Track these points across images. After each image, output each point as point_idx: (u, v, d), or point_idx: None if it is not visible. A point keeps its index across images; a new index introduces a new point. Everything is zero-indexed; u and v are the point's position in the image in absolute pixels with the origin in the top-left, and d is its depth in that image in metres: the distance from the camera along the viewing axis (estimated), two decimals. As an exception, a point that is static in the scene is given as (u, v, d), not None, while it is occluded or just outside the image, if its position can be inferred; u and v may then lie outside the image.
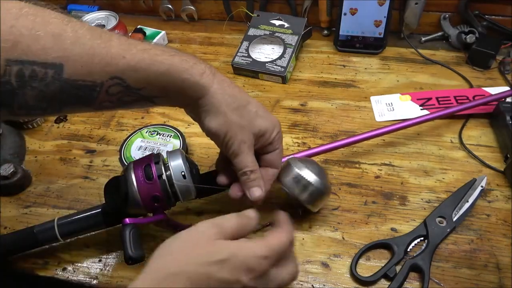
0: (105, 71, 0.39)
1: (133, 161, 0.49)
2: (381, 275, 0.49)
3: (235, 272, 0.34)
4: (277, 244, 0.37)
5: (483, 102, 0.64)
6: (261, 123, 0.47)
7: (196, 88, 0.43)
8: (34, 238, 0.50)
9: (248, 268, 0.35)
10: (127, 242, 0.45)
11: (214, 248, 0.35)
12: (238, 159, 0.46)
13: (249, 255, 0.35)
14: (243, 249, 0.36)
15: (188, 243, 0.36)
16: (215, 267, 0.34)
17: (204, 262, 0.34)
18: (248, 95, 0.48)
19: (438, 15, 0.83)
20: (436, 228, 0.52)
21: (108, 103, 0.42)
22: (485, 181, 0.56)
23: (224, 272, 0.34)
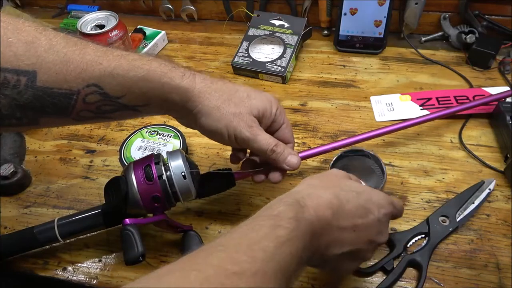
0: (80, 78, 0.38)
1: (133, 162, 0.48)
2: (379, 268, 0.49)
3: (369, 203, 0.40)
4: (400, 204, 0.44)
5: (483, 102, 0.64)
6: (257, 104, 0.46)
7: (179, 91, 0.43)
8: (34, 239, 0.50)
9: (380, 205, 0.40)
10: (134, 240, 0.45)
11: (351, 183, 0.41)
12: (256, 143, 0.45)
13: (381, 197, 0.41)
14: (375, 191, 0.42)
15: (324, 177, 0.42)
16: (353, 194, 0.39)
17: (346, 187, 0.40)
18: (234, 84, 0.47)
19: (438, 15, 0.83)
20: (438, 227, 0.52)
21: (87, 112, 0.40)
22: (493, 184, 0.56)
23: (361, 200, 0.39)
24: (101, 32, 0.65)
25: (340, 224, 0.37)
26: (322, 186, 0.39)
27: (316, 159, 0.63)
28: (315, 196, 0.37)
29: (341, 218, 0.38)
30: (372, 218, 0.39)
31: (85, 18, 0.68)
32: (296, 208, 0.35)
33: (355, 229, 0.38)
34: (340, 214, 0.37)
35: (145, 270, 0.51)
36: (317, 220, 0.36)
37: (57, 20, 1.00)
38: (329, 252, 0.38)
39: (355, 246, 0.39)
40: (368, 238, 0.40)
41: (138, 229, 0.46)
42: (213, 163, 0.64)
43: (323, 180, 0.41)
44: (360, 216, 0.39)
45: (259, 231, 0.33)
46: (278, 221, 0.34)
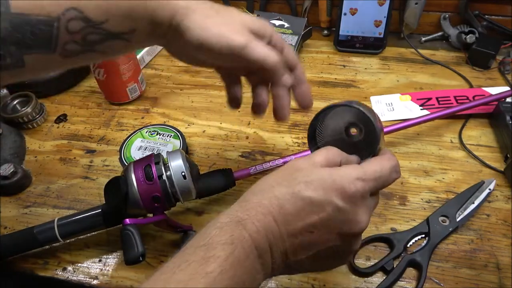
0: (57, 2, 0.35)
1: (133, 161, 0.49)
2: (378, 268, 0.49)
3: (323, 192, 0.33)
4: (376, 169, 0.35)
5: (483, 102, 0.64)
6: (250, 20, 0.41)
7: (163, 6, 0.39)
8: (34, 239, 0.50)
9: (340, 189, 0.33)
10: (134, 240, 0.45)
11: (300, 172, 0.34)
12: (249, 50, 0.39)
13: (341, 176, 0.33)
14: (334, 171, 0.34)
15: (277, 172, 0.36)
16: (300, 186, 0.33)
17: (291, 181, 0.34)
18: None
19: (438, 15, 0.83)
20: (438, 227, 0.52)
21: (74, 45, 0.37)
22: (493, 184, 0.56)
23: (310, 191, 0.33)
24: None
25: (289, 230, 0.33)
26: (273, 185, 0.34)
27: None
28: (255, 204, 0.33)
29: (287, 222, 0.33)
30: (330, 209, 0.33)
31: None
32: (232, 228, 0.32)
33: (311, 230, 0.33)
34: (285, 218, 0.33)
35: (145, 270, 0.51)
36: (259, 233, 0.32)
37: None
38: (294, 258, 0.34)
39: (324, 245, 0.34)
40: (335, 233, 0.34)
41: (138, 229, 0.46)
42: (213, 163, 0.64)
43: (277, 175, 0.36)
44: (312, 212, 0.33)
45: (186, 270, 0.29)
46: (209, 250, 0.30)
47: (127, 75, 0.72)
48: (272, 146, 0.66)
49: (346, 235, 0.34)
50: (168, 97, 0.77)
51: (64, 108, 0.76)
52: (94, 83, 0.79)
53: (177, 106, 0.75)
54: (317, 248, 0.34)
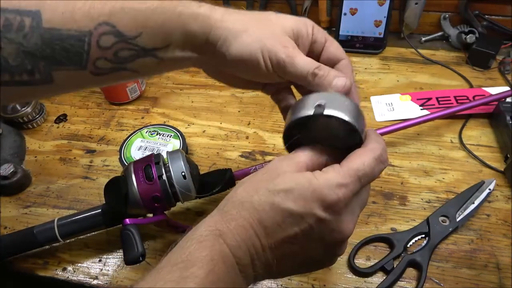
0: (89, 17, 0.34)
1: (133, 162, 0.49)
2: (378, 268, 0.49)
3: (303, 203, 0.31)
4: (358, 167, 0.32)
5: (483, 102, 0.64)
6: (289, 23, 0.38)
7: (198, 19, 0.36)
8: (34, 239, 0.50)
9: (321, 199, 0.31)
10: (134, 240, 0.45)
11: (280, 178, 0.32)
12: (293, 66, 0.36)
13: (321, 183, 0.31)
14: (314, 178, 0.31)
15: (258, 176, 0.34)
16: (279, 197, 0.31)
17: (270, 190, 0.32)
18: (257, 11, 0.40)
19: (438, 15, 0.83)
20: (438, 227, 0.52)
21: (105, 62, 0.35)
22: (493, 184, 0.56)
23: (290, 202, 0.31)
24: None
25: (270, 242, 0.32)
26: (252, 194, 0.33)
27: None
28: (235, 216, 0.32)
29: (268, 235, 0.31)
30: (312, 221, 0.31)
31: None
32: (212, 242, 0.31)
33: (293, 241, 0.32)
34: (265, 231, 0.31)
35: (145, 270, 0.51)
36: (240, 248, 0.31)
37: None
38: (277, 268, 0.33)
39: (307, 255, 0.33)
40: (318, 243, 0.33)
41: (138, 229, 0.46)
42: (213, 163, 0.64)
43: (257, 181, 0.33)
44: (292, 224, 0.31)
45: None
46: (187, 269, 0.29)
47: (127, 75, 0.71)
48: (272, 146, 0.66)
49: (330, 244, 0.33)
50: (168, 97, 0.77)
51: (64, 108, 0.76)
52: (94, 83, 0.79)
53: (177, 106, 0.75)
54: (300, 257, 0.33)
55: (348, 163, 0.32)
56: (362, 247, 0.52)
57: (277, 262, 0.33)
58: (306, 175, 0.32)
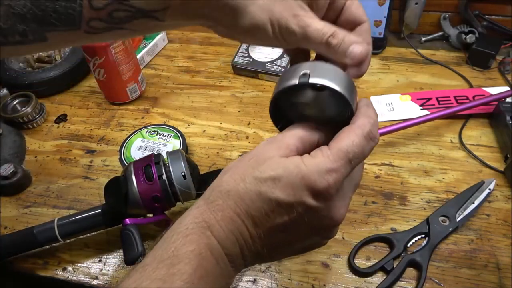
0: None
1: (133, 161, 0.49)
2: (378, 268, 0.49)
3: (292, 191, 0.29)
4: (348, 149, 0.30)
5: (483, 102, 0.64)
6: None
7: None
8: (34, 239, 0.50)
9: (311, 186, 0.29)
10: (134, 240, 0.45)
11: (266, 164, 0.30)
12: (306, 37, 0.32)
13: (310, 170, 0.29)
14: (302, 164, 0.29)
15: (245, 161, 0.32)
16: (267, 185, 0.29)
17: (256, 178, 0.30)
18: None
19: (438, 15, 0.83)
20: (438, 227, 0.52)
21: (99, 22, 0.33)
22: (493, 184, 0.56)
23: (278, 191, 0.29)
24: (101, 32, 0.65)
25: (258, 231, 0.31)
26: (238, 182, 0.31)
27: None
28: (221, 206, 0.31)
29: (256, 224, 0.31)
30: (301, 210, 0.30)
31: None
32: (198, 236, 0.30)
33: (283, 230, 0.31)
34: (253, 220, 0.30)
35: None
36: (228, 239, 0.30)
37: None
38: (268, 256, 0.33)
39: (298, 242, 0.33)
40: (309, 230, 0.32)
41: (138, 229, 0.46)
42: (213, 163, 0.64)
43: (244, 167, 0.31)
44: (281, 213, 0.30)
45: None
46: (174, 265, 0.28)
47: (127, 75, 0.72)
48: (272, 146, 0.66)
49: (321, 229, 0.32)
50: (168, 97, 0.77)
51: (64, 108, 0.76)
52: (94, 83, 0.79)
53: (177, 106, 0.75)
54: (291, 245, 0.33)
55: (336, 144, 0.30)
56: (362, 247, 0.52)
57: (267, 249, 0.32)
58: (294, 161, 0.30)
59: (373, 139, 0.31)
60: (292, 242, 0.33)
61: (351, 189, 0.33)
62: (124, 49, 0.68)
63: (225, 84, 0.79)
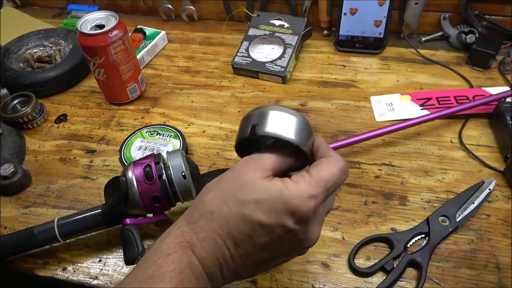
0: None
1: (133, 161, 0.49)
2: (378, 268, 0.49)
3: (274, 214, 0.30)
4: (327, 178, 0.32)
5: (483, 102, 0.64)
6: None
7: None
8: (34, 239, 0.50)
9: (292, 211, 0.30)
10: (134, 240, 0.45)
11: (249, 188, 0.31)
12: None
13: (293, 195, 0.31)
14: (285, 189, 0.31)
15: (226, 182, 0.33)
16: (249, 208, 0.31)
17: (239, 201, 0.31)
18: None
19: (438, 15, 0.83)
20: (438, 227, 0.52)
21: None
22: (493, 184, 0.56)
23: (260, 214, 0.30)
24: (101, 32, 0.65)
25: (239, 252, 0.32)
26: (221, 205, 0.32)
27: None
28: (204, 227, 0.31)
29: (237, 245, 0.32)
30: (282, 232, 0.31)
31: (85, 18, 0.68)
32: (180, 255, 0.31)
33: (262, 250, 0.32)
34: (235, 241, 0.31)
35: (145, 270, 0.51)
36: (209, 259, 0.31)
37: (57, 20, 1.00)
38: (246, 274, 0.34)
39: (275, 260, 0.34)
40: (286, 250, 0.33)
41: (138, 229, 0.46)
42: (213, 163, 0.64)
43: (225, 189, 0.33)
44: (262, 235, 0.31)
45: None
46: (156, 283, 0.29)
47: (127, 75, 0.72)
48: (272, 146, 0.66)
49: (297, 249, 0.34)
50: (168, 97, 0.77)
51: (64, 108, 0.76)
52: (94, 83, 0.79)
53: (177, 106, 0.75)
54: (268, 263, 0.34)
55: (318, 173, 0.32)
56: (362, 247, 0.52)
57: (245, 268, 0.33)
58: (277, 185, 0.31)
59: (346, 172, 0.34)
60: (270, 260, 0.34)
61: (324, 213, 0.35)
62: (124, 49, 0.68)
63: (225, 84, 0.79)
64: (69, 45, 0.84)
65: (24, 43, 0.85)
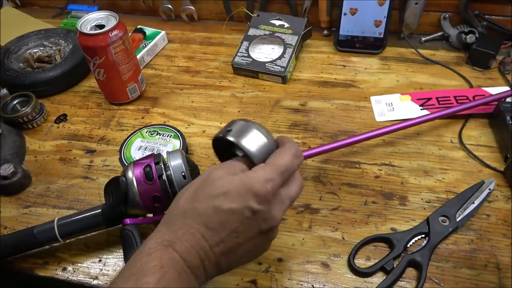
0: None
1: (133, 161, 0.49)
2: (378, 268, 0.49)
3: (240, 199, 0.35)
4: (280, 164, 0.38)
5: (483, 102, 0.64)
6: None
7: None
8: (34, 239, 0.50)
9: (254, 193, 0.36)
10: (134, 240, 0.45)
11: (217, 183, 0.37)
12: None
13: (253, 181, 0.36)
14: (246, 178, 0.36)
15: (196, 186, 0.38)
16: (220, 199, 0.36)
17: (210, 196, 0.36)
18: None
19: (438, 15, 0.83)
20: (438, 227, 0.52)
21: None
22: (493, 184, 0.56)
23: (229, 202, 0.35)
24: (101, 32, 0.65)
25: (216, 241, 0.36)
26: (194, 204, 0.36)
27: (316, 159, 0.63)
28: (181, 225, 0.36)
29: (214, 235, 0.36)
30: (249, 213, 0.36)
31: (85, 18, 0.68)
32: (161, 252, 0.34)
33: (236, 235, 0.36)
34: (211, 232, 0.36)
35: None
36: (189, 253, 0.35)
37: (57, 20, 1.00)
38: (225, 263, 0.37)
39: (248, 244, 0.38)
40: (256, 231, 0.37)
41: (138, 229, 0.46)
42: (213, 163, 0.64)
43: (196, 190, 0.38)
44: (234, 220, 0.36)
45: None
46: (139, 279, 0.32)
47: (127, 75, 0.72)
48: (272, 146, 0.66)
49: (265, 230, 0.38)
50: (168, 97, 0.77)
51: (64, 108, 0.76)
52: (94, 83, 0.79)
53: (177, 106, 0.75)
54: (243, 248, 0.38)
55: (273, 161, 0.38)
56: (362, 247, 0.52)
57: (224, 257, 0.37)
58: (240, 176, 0.37)
59: (299, 156, 0.40)
60: (244, 245, 0.38)
61: (288, 198, 0.39)
62: (124, 49, 0.68)
63: (225, 84, 0.79)
64: (69, 45, 0.84)
65: (24, 43, 0.85)
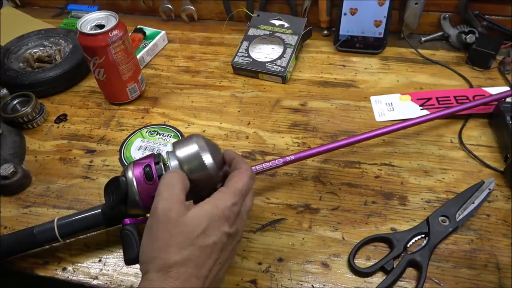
0: None
1: (133, 161, 0.48)
2: (378, 268, 0.49)
3: (217, 230, 0.39)
4: (240, 187, 0.42)
5: (483, 102, 0.64)
6: None
7: None
8: (34, 239, 0.49)
9: (226, 219, 0.40)
10: (134, 240, 0.45)
11: (191, 226, 0.38)
12: None
13: (222, 208, 0.39)
14: (216, 208, 0.39)
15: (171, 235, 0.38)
16: (201, 238, 0.38)
17: (191, 238, 0.38)
18: None
19: (438, 15, 0.83)
20: (438, 227, 0.52)
21: None
22: (493, 184, 0.56)
23: (209, 237, 0.38)
24: (101, 32, 0.65)
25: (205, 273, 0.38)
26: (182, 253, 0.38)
27: (316, 159, 0.63)
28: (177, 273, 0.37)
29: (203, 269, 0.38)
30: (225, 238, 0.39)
31: (85, 18, 0.68)
32: None
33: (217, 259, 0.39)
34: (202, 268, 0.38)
35: (145, 270, 0.51)
36: None
37: (57, 20, 1.00)
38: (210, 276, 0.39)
39: (227, 263, 0.41)
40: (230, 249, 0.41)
41: (138, 229, 0.46)
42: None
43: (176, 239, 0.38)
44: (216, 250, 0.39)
45: None
46: None
47: (127, 75, 0.72)
48: (272, 146, 0.66)
49: (235, 246, 0.42)
50: (168, 97, 0.77)
51: (64, 108, 0.76)
52: (94, 83, 0.79)
53: (177, 106, 0.75)
54: (223, 269, 0.41)
55: (234, 185, 0.42)
56: (362, 247, 0.52)
57: (211, 283, 0.39)
58: (207, 209, 0.39)
59: (254, 178, 0.44)
60: (223, 266, 0.41)
61: (245, 212, 0.43)
62: (124, 49, 0.68)
63: (225, 84, 0.79)
64: (69, 45, 0.84)
65: (24, 43, 0.85)
